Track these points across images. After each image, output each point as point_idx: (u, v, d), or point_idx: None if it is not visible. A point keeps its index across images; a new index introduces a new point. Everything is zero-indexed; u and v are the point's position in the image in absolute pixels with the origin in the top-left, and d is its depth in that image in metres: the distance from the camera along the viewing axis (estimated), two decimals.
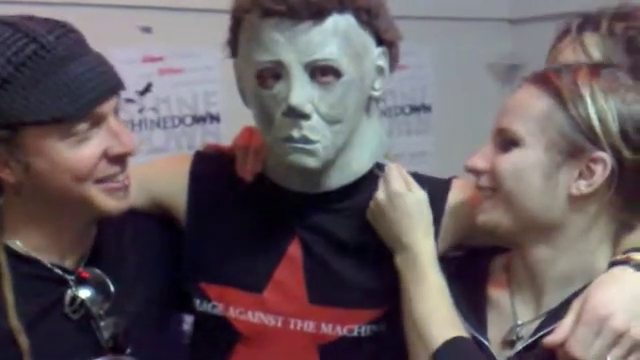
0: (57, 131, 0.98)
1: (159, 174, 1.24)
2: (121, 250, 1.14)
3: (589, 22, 1.30)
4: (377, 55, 1.11)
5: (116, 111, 1.04)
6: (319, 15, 1.03)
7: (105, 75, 1.01)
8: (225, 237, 1.17)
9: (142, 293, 1.13)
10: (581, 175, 0.98)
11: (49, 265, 1.05)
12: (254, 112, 1.12)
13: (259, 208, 1.16)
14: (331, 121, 1.07)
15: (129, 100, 2.33)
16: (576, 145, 0.98)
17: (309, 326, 1.12)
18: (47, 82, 0.96)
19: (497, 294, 1.07)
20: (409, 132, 2.76)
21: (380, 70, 1.12)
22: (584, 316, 0.89)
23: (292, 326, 1.12)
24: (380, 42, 1.12)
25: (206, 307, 1.16)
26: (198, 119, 2.42)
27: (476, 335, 1.02)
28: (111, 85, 1.02)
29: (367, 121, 1.14)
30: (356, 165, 1.14)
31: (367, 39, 1.09)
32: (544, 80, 1.01)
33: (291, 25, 1.03)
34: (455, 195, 1.16)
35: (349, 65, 1.06)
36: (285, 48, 1.03)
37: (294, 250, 1.13)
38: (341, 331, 1.11)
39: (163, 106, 2.38)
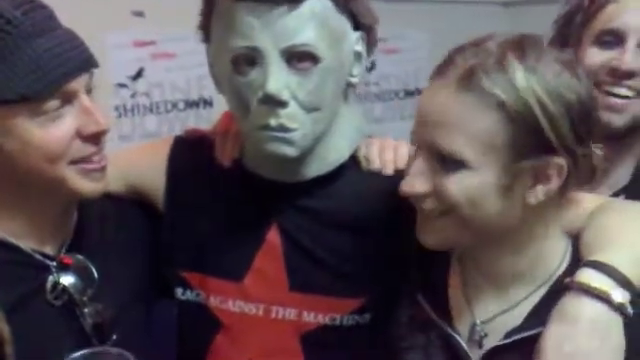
0: (26, 110, 0.95)
1: (138, 159, 1.22)
2: (104, 235, 1.12)
3: None
4: (355, 40, 1.08)
5: (89, 90, 1.01)
6: (293, 0, 1.00)
7: (75, 51, 0.98)
8: (204, 224, 1.15)
9: (127, 279, 1.11)
10: (535, 182, 0.91)
11: (29, 251, 1.03)
12: (229, 99, 1.08)
13: (238, 194, 1.14)
14: (310, 109, 1.03)
15: (121, 85, 2.31)
16: (528, 157, 0.89)
17: (290, 314, 1.10)
18: (14, 59, 0.93)
19: (455, 288, 1.02)
20: (403, 117, 2.76)
21: (358, 56, 1.09)
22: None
23: (273, 314, 1.11)
24: (357, 27, 1.08)
25: (189, 295, 1.15)
26: (191, 104, 2.40)
27: (448, 330, 0.98)
28: (81, 60, 0.98)
29: (345, 108, 1.11)
30: (335, 154, 1.11)
31: (345, 23, 1.06)
32: (472, 84, 0.87)
33: (266, 9, 0.99)
34: None
35: (327, 50, 1.02)
36: (261, 33, 0.99)
37: (273, 236, 1.11)
38: (323, 319, 1.10)
39: (156, 91, 2.36)
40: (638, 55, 1.21)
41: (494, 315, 0.97)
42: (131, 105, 2.33)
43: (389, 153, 1.14)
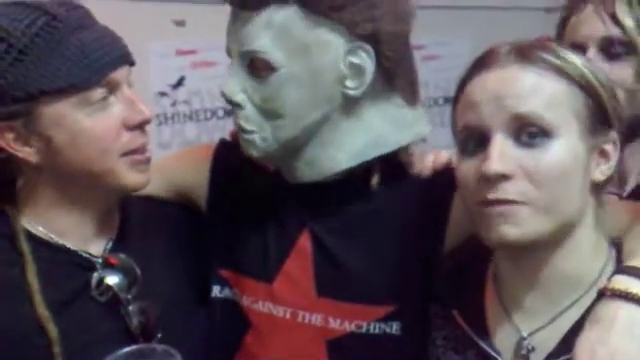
0: (75, 99, 0.99)
1: (182, 163, 1.25)
2: (147, 236, 1.14)
3: None
4: (347, 51, 1.03)
5: (129, 84, 1.05)
6: (255, 7, 1.02)
7: (116, 43, 1.03)
8: (243, 225, 1.16)
9: (170, 278, 1.13)
10: (599, 159, 0.91)
11: (74, 249, 1.05)
12: None
13: (275, 197, 1.15)
14: (268, 114, 1.05)
15: (162, 93, 2.34)
16: (594, 129, 0.90)
17: (317, 319, 1.10)
18: (62, 50, 0.97)
19: (491, 304, 0.98)
20: (443, 124, 2.73)
21: (356, 68, 1.04)
22: None
23: (300, 319, 1.10)
24: (360, 37, 1.03)
25: (227, 293, 1.16)
26: (230, 112, 2.42)
27: (488, 350, 0.95)
28: (122, 53, 1.03)
29: (347, 119, 1.07)
30: (328, 163, 1.08)
31: (324, 34, 1.02)
32: (532, 58, 0.90)
33: (236, 14, 1.05)
34: None
35: (288, 60, 1.02)
36: (231, 37, 1.07)
37: (304, 241, 1.11)
38: (349, 327, 1.09)
39: (196, 99, 2.39)
40: (600, 61, 1.22)
41: (541, 326, 0.93)
42: (171, 113, 2.36)
43: (429, 157, 1.14)
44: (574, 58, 0.92)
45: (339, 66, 1.03)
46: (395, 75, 1.08)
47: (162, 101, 2.35)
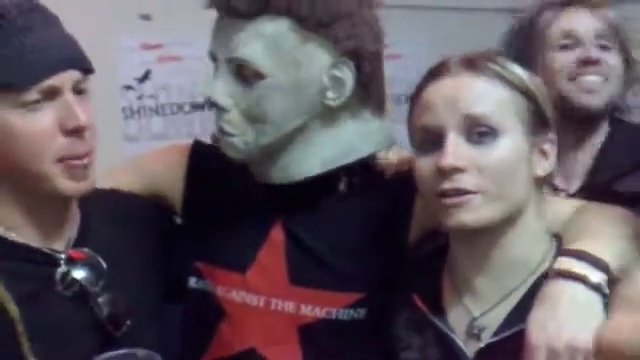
0: (9, 100, 0.98)
1: (157, 162, 1.29)
2: (111, 229, 1.14)
3: None
4: (331, 65, 1.09)
5: (79, 90, 1.03)
6: (248, 15, 1.06)
7: (62, 49, 1.01)
8: (218, 219, 1.20)
9: (137, 268, 1.14)
10: (539, 157, 1.02)
11: (36, 246, 1.06)
12: None
13: (249, 193, 1.19)
14: (252, 119, 1.09)
15: (128, 87, 2.35)
16: (535, 131, 1.01)
17: (289, 307, 1.15)
18: (1, 49, 0.98)
19: (447, 288, 1.07)
20: (403, 121, 2.77)
21: (337, 80, 1.09)
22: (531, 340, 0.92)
23: (273, 306, 1.15)
24: (343, 52, 1.09)
25: (201, 285, 1.20)
26: (197, 106, 2.43)
27: (443, 328, 1.03)
28: (66, 58, 1.01)
29: (322, 128, 1.12)
30: (298, 168, 1.14)
31: (312, 48, 1.08)
32: (480, 68, 1.01)
33: (225, 21, 1.09)
34: None
35: (276, 69, 1.07)
36: (217, 42, 1.10)
37: (277, 233, 1.16)
38: (320, 313, 1.14)
39: (162, 93, 2.39)
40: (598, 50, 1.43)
41: (490, 307, 1.02)
42: (137, 107, 2.37)
43: (393, 156, 1.20)
44: (516, 68, 1.03)
45: (322, 78, 1.09)
46: (369, 90, 1.14)
47: (128, 94, 2.36)
